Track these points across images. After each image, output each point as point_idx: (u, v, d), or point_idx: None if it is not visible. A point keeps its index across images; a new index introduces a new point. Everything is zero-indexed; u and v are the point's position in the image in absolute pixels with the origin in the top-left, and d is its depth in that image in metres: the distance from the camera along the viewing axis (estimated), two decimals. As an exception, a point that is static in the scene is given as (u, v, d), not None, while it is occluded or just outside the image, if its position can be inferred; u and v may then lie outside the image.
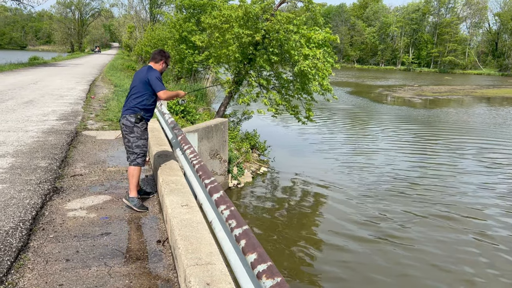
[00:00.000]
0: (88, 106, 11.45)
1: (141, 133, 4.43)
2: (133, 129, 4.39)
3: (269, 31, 12.24)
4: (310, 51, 11.58)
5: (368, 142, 17.77)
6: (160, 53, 4.66)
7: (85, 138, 7.49)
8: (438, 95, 40.71)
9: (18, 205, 4.13)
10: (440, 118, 24.93)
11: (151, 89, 4.42)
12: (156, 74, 4.44)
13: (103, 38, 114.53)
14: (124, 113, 4.42)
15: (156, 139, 6.51)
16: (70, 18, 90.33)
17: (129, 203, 4.35)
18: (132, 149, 4.40)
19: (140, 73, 4.57)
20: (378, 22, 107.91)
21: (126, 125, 4.38)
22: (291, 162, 13.96)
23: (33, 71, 24.79)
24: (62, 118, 9.10)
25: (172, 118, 6.24)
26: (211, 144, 9.87)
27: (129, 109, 4.40)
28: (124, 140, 4.46)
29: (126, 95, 4.60)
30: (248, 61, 13.38)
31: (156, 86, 4.39)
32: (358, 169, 13.35)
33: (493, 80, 70.82)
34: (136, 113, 4.38)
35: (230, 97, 14.58)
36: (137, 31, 51.09)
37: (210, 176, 3.25)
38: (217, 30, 13.33)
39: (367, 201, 10.37)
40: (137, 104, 4.40)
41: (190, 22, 23.32)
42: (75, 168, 5.62)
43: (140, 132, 4.42)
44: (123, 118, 4.42)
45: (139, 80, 4.46)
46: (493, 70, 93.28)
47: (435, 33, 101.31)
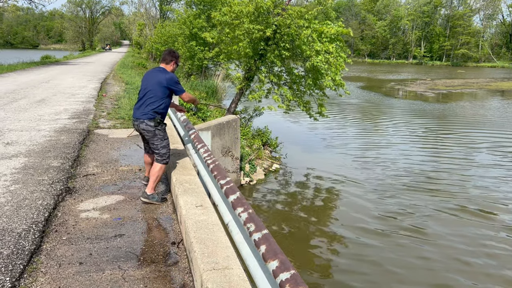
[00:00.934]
0: (100, 104, 11.43)
1: (163, 134, 4.51)
2: (155, 133, 4.43)
3: (280, 26, 12.08)
4: (323, 45, 11.39)
5: (380, 137, 17.54)
6: (170, 54, 4.65)
7: (97, 137, 7.44)
8: (451, 88, 40.10)
9: (30, 206, 4.08)
10: (454, 112, 24.53)
11: (168, 93, 4.46)
12: (175, 79, 4.48)
13: (114, 36, 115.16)
14: (142, 118, 4.40)
15: (169, 137, 6.43)
16: (81, 17, 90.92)
17: (149, 200, 4.37)
18: (159, 151, 4.47)
19: (154, 76, 4.51)
20: (389, 15, 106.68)
21: (147, 130, 4.41)
22: (304, 158, 13.82)
23: (45, 69, 24.95)
24: (74, 117, 9.08)
25: (184, 115, 6.14)
26: (223, 141, 9.78)
27: (146, 113, 4.39)
28: (150, 143, 4.53)
29: (139, 95, 4.58)
30: (259, 57, 13.24)
31: (178, 91, 4.52)
32: (371, 164, 13.18)
33: (508, 72, 69.60)
34: (155, 117, 4.40)
35: (241, 93, 14.47)
36: (147, 29, 51.23)
37: (226, 176, 3.14)
38: (227, 26, 13.20)
39: (382, 196, 10.21)
40: (155, 109, 4.40)
41: (200, 19, 23.23)
42: (87, 168, 5.57)
43: (162, 133, 4.50)
44: (141, 123, 4.41)
45: (156, 84, 4.42)
46: (508, 62, 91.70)
47: (447, 25, 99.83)
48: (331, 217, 9.18)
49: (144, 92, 4.49)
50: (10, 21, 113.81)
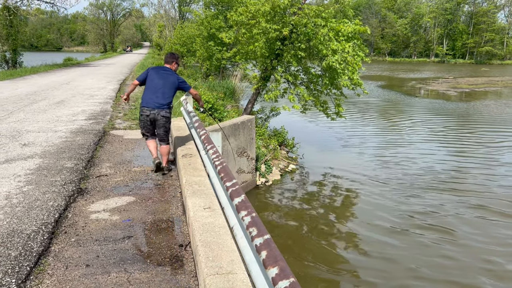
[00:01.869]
0: (117, 105, 11.55)
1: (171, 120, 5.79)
2: (169, 120, 5.51)
3: (297, 25, 11.97)
4: (339, 44, 11.23)
5: (400, 136, 17.22)
6: (171, 56, 5.75)
7: (113, 138, 7.49)
8: (475, 87, 39.16)
9: (41, 207, 4.11)
10: (478, 110, 23.89)
11: (175, 91, 5.55)
12: (181, 78, 5.64)
13: (135, 38, 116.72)
14: (161, 106, 5.31)
15: (181, 138, 6.42)
16: (103, 19, 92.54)
17: (167, 171, 5.51)
18: (168, 132, 5.51)
19: (166, 77, 5.47)
20: (410, 13, 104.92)
21: (166, 116, 5.38)
22: (321, 159, 13.67)
23: (67, 71, 25.42)
24: (91, 118, 9.18)
25: (197, 116, 6.12)
26: (238, 142, 9.74)
27: (165, 105, 5.34)
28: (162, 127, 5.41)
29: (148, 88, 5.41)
30: (275, 57, 13.16)
31: (186, 88, 5.72)
32: (391, 163, 12.95)
33: (534, 70, 67.64)
34: (170, 109, 5.47)
35: (257, 93, 14.42)
36: (166, 30, 51.72)
37: (232, 178, 3.08)
38: (243, 26, 13.16)
39: (403, 195, 9.99)
40: (169, 103, 5.42)
41: (218, 19, 23.28)
42: (100, 169, 5.59)
43: (171, 120, 5.69)
44: (161, 111, 5.31)
45: (170, 83, 5.44)
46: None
47: (470, 22, 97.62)
48: (349, 217, 9.03)
49: (156, 87, 5.36)
50: (35, 25, 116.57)
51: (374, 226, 8.47)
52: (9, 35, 28.03)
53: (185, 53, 31.96)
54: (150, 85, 5.37)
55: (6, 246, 3.32)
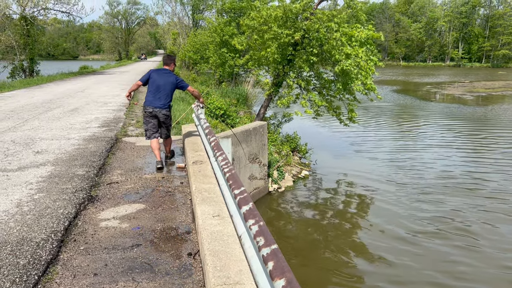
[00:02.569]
0: (131, 112, 11.62)
1: (171, 117, 6.32)
2: (170, 117, 6.17)
3: (309, 30, 11.92)
4: (352, 50, 11.14)
5: (416, 141, 16.97)
6: (168, 58, 6.32)
7: (125, 145, 7.51)
8: (492, 91, 38.51)
9: (52, 215, 4.11)
10: (495, 114, 23.44)
11: (174, 89, 6.13)
12: (179, 78, 6.24)
13: (149, 46, 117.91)
14: (161, 106, 5.95)
15: (192, 144, 6.40)
16: (118, 28, 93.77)
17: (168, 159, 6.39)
18: (168, 129, 6.21)
19: (166, 78, 6.05)
20: (424, 17, 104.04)
21: (166, 114, 6.03)
22: (334, 164, 13.54)
23: (82, 79, 25.78)
24: (103, 125, 9.24)
25: (207, 123, 6.09)
26: (250, 148, 9.69)
27: (165, 104, 5.98)
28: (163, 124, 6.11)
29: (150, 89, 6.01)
30: (287, 62, 13.11)
31: (184, 86, 6.22)
32: (406, 169, 12.76)
33: (553, 73, 66.25)
34: (170, 107, 6.13)
35: (269, 99, 14.38)
36: (180, 38, 52.13)
37: (240, 185, 3.03)
38: (255, 32, 13.17)
39: (419, 201, 9.80)
40: (169, 101, 6.05)
41: (231, 26, 23.37)
42: (111, 176, 5.60)
43: (171, 117, 6.29)
44: (161, 109, 5.95)
45: (169, 84, 6.02)
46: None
47: (486, 26, 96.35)
48: (364, 225, 8.88)
49: (158, 88, 5.97)
50: (51, 34, 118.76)
51: (390, 234, 8.32)
52: (26, 44, 28.58)
53: (199, 60, 32.14)
54: (152, 86, 6.02)
55: (15, 254, 3.31)
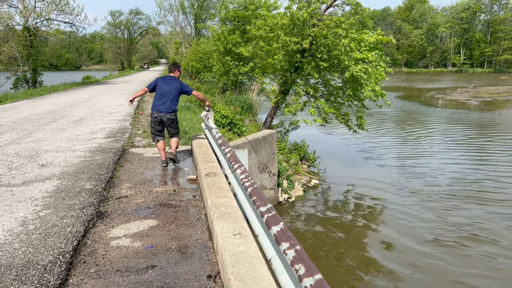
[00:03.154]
0: (136, 122, 11.40)
1: (177, 121, 6.69)
2: (175, 120, 6.54)
3: (317, 36, 11.71)
4: (362, 54, 10.92)
5: (424, 147, 16.69)
6: (173, 65, 6.72)
7: (132, 156, 7.27)
8: (496, 96, 38.24)
9: (59, 234, 3.85)
10: (503, 120, 23.14)
11: (179, 95, 6.52)
12: (184, 84, 6.60)
13: (151, 55, 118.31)
14: (167, 111, 6.37)
15: (203, 155, 6.15)
16: (120, 38, 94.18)
17: (175, 157, 6.50)
18: (175, 130, 6.60)
19: (171, 84, 6.47)
20: (425, 23, 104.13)
21: (172, 119, 6.46)
22: (343, 172, 13.26)
23: (85, 89, 25.64)
24: (109, 136, 9.00)
25: (219, 133, 5.84)
26: (259, 157, 9.44)
27: (170, 108, 6.39)
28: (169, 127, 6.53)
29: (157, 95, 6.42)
30: (295, 70, 12.90)
31: (189, 91, 6.58)
32: (416, 176, 12.48)
33: (557, 77, 65.97)
34: (175, 111, 6.51)
35: (276, 107, 14.15)
36: (183, 47, 52.18)
37: (266, 202, 2.77)
38: (262, 40, 12.98)
39: (431, 210, 9.51)
40: (174, 106, 6.45)
41: (235, 34, 23.25)
42: (120, 190, 5.34)
43: (177, 120, 6.67)
44: (166, 113, 6.37)
45: (174, 89, 6.43)
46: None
47: (488, 31, 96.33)
48: (378, 236, 8.58)
49: (163, 94, 6.38)
50: (54, 45, 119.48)
51: (405, 247, 8.01)
52: (29, 55, 28.53)
53: (202, 69, 32.04)
54: (158, 92, 6.43)
55: (21, 279, 3.05)
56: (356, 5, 12.52)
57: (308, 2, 11.55)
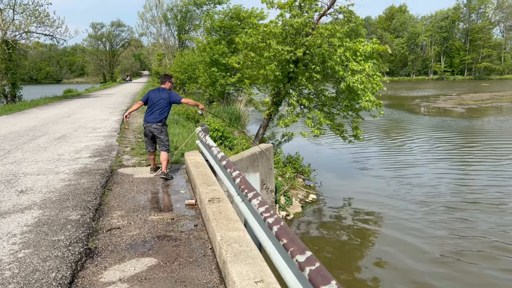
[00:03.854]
0: (123, 138, 10.75)
1: (166, 131, 6.63)
2: (162, 130, 6.53)
3: (310, 46, 11.30)
4: (358, 65, 10.53)
5: (417, 156, 16.39)
6: (164, 77, 6.84)
7: (121, 178, 6.64)
8: (481, 103, 38.57)
9: (41, 282, 3.22)
10: (493, 127, 23.08)
11: (170, 105, 6.57)
12: (173, 93, 6.65)
13: (133, 67, 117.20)
14: (152, 121, 6.47)
15: (202, 176, 5.57)
16: (102, 50, 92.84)
17: (166, 176, 6.39)
18: (163, 143, 6.55)
19: (159, 94, 6.55)
20: (406, 32, 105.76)
21: (157, 128, 6.48)
22: (339, 185, 12.79)
23: (67, 103, 24.78)
24: (95, 155, 8.34)
25: (221, 152, 5.26)
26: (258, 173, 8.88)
27: (156, 118, 6.46)
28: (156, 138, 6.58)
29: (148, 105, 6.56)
30: (288, 80, 12.46)
31: (177, 98, 6.60)
32: (413, 187, 12.16)
33: (535, 83, 67.32)
34: (162, 121, 6.52)
35: (269, 119, 13.68)
36: (166, 58, 51.58)
37: (303, 248, 2.22)
38: (252, 50, 12.51)
39: (434, 221, 9.07)
40: (161, 116, 6.50)
41: (221, 45, 22.81)
42: (111, 219, 4.73)
43: (166, 131, 6.62)
44: (152, 123, 6.47)
45: (161, 100, 6.49)
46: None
47: (467, 39, 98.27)
48: (381, 257, 8.08)
49: (152, 105, 6.49)
50: (34, 58, 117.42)
51: (408, 265, 7.53)
52: (8, 69, 27.51)
53: (186, 80, 31.48)
54: (148, 104, 6.56)
55: None
56: (349, 13, 12.19)
57: (302, 10, 11.14)
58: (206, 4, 37.99)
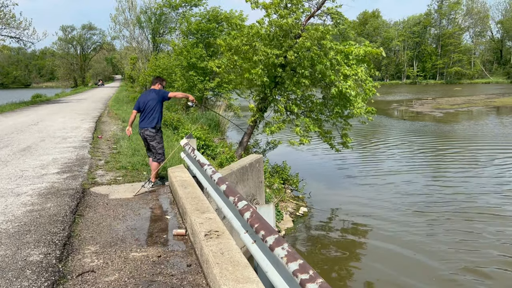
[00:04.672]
0: (96, 149, 9.75)
1: (160, 139, 6.30)
2: (155, 137, 6.19)
3: (299, 49, 10.59)
4: (350, 69, 9.88)
5: (402, 163, 15.91)
6: (155, 79, 6.56)
7: (95, 199, 5.71)
8: (457, 107, 38.91)
9: None
10: (476, 131, 22.97)
11: (161, 104, 6.22)
12: (161, 90, 6.35)
13: (106, 71, 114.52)
14: (146, 126, 6.15)
15: (192, 200, 4.71)
16: (72, 54, 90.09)
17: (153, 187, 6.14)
18: (157, 151, 6.22)
19: (149, 96, 6.24)
20: (379, 37, 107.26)
21: (150, 135, 6.16)
22: (329, 196, 12.11)
23: (35, 109, 23.34)
24: (64, 170, 7.35)
25: (218, 172, 4.39)
26: (246, 188, 8.08)
27: (148, 124, 6.13)
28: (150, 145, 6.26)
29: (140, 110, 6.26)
30: (275, 85, 11.71)
31: (165, 93, 6.26)
32: (403, 194, 11.63)
33: (504, 88, 69.11)
34: (155, 125, 6.17)
35: (253, 126, 12.88)
36: (140, 62, 50.21)
37: None
38: (236, 53, 11.71)
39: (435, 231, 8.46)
40: (154, 120, 6.14)
41: (198, 48, 21.94)
42: (83, 257, 3.83)
43: (159, 138, 6.28)
44: (145, 130, 6.16)
45: (150, 101, 6.15)
46: (501, 78, 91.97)
47: (438, 44, 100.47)
48: (382, 268, 7.40)
49: (144, 109, 6.17)
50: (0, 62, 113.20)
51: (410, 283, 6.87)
52: (-30, 73, 25.83)
53: (162, 85, 30.44)
54: (141, 109, 6.25)
55: None
56: (338, 14, 11.57)
57: (290, 10, 10.44)
58: (182, 6, 36.95)
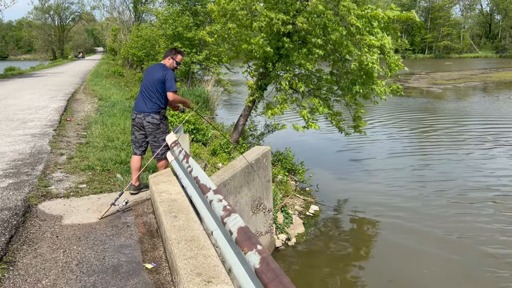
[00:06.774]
0: (60, 137, 7.80)
1: (165, 127, 4.74)
2: (159, 126, 4.65)
3: (310, 13, 8.66)
4: (378, 40, 8.03)
5: (414, 144, 14.38)
6: (168, 51, 4.84)
7: (40, 226, 3.86)
8: (454, 82, 37.47)
9: None
10: (485, 108, 21.47)
11: (163, 88, 4.58)
12: (171, 74, 4.61)
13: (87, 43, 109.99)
14: (147, 111, 4.57)
15: (187, 245, 2.88)
16: (50, 24, 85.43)
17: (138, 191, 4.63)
18: (159, 143, 4.65)
19: (155, 72, 4.65)
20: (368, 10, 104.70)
21: (153, 123, 4.58)
22: (340, 188, 10.49)
23: (3, 84, 20.91)
24: (9, 172, 5.43)
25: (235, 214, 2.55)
26: (252, 191, 6.30)
27: (151, 108, 4.57)
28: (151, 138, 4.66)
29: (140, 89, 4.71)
30: (278, 58, 9.81)
31: (170, 86, 4.56)
32: (427, 183, 10.13)
33: (495, 62, 68.18)
34: (160, 111, 4.63)
35: (251, 107, 11.04)
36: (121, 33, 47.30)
37: None
38: (232, 19, 9.72)
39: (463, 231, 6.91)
40: (158, 103, 4.58)
41: (185, 16, 19.74)
42: None
43: (165, 126, 4.73)
44: (146, 116, 4.56)
45: (154, 81, 4.59)
46: (490, 52, 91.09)
47: (428, 18, 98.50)
48: None
49: (144, 87, 4.65)
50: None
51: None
52: None
53: (144, 58, 28.14)
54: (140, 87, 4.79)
55: None
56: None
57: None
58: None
